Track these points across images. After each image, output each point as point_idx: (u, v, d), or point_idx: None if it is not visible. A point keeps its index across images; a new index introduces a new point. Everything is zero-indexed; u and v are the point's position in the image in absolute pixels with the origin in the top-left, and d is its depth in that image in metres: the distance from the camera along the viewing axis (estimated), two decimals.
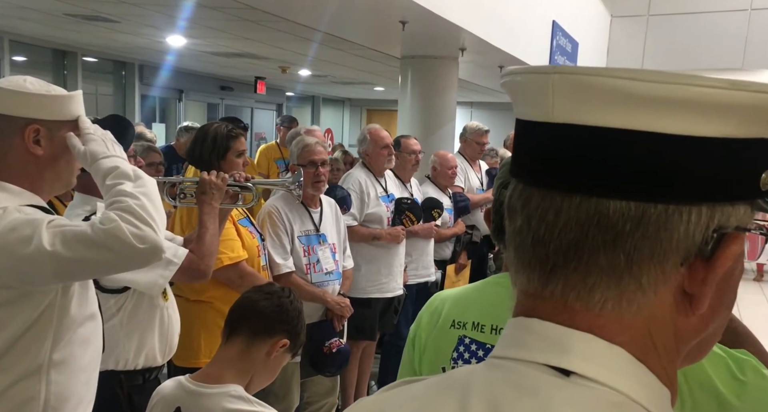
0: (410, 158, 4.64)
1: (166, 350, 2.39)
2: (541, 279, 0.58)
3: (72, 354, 1.67)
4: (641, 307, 0.55)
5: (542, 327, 0.57)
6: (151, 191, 1.64)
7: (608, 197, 0.54)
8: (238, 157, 2.96)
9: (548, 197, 0.56)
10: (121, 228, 1.51)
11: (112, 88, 10.83)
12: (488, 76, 9.46)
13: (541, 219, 0.57)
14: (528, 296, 0.60)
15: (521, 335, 0.58)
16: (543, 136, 0.57)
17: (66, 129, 1.70)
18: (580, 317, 0.56)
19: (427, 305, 1.46)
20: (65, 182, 1.76)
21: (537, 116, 0.57)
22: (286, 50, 8.59)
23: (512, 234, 0.60)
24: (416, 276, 4.68)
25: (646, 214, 0.53)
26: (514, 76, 0.60)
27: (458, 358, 1.34)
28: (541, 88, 0.56)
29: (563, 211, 0.55)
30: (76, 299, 1.67)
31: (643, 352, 0.56)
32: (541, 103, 0.56)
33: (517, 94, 0.60)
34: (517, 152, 0.61)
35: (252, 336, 1.83)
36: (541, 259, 0.57)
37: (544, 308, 0.58)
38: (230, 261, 2.90)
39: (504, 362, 0.58)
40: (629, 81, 0.52)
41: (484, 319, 1.34)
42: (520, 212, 0.59)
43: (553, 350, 0.56)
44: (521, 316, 0.60)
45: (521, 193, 0.59)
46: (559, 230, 0.56)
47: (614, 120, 0.53)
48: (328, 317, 3.57)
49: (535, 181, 0.58)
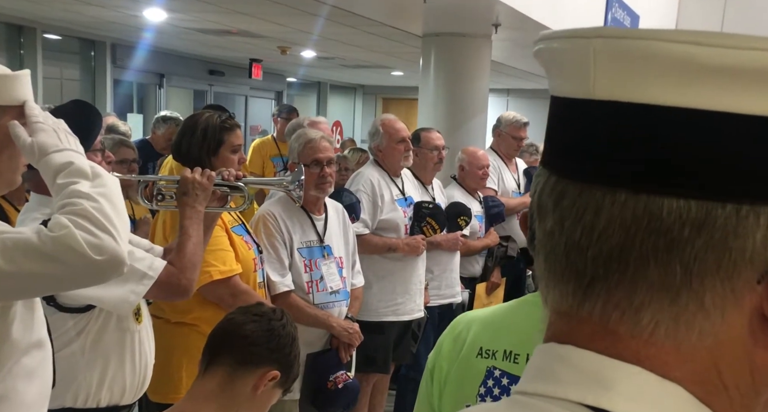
0: (432, 155, 4.66)
1: (138, 384, 2.39)
2: (576, 295, 0.56)
3: (14, 389, 1.66)
4: (704, 334, 0.54)
5: (578, 356, 0.56)
6: (112, 192, 1.64)
7: (661, 194, 0.52)
8: (233, 154, 2.97)
9: (586, 193, 0.55)
10: (74, 235, 1.51)
11: (79, 72, 10.91)
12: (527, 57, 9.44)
13: (577, 220, 0.55)
14: (561, 317, 0.58)
15: (552, 366, 0.57)
16: (581, 116, 0.56)
17: (9, 117, 1.69)
18: (624, 345, 0.55)
19: (450, 328, 1.46)
20: (7, 181, 1.75)
21: (575, 92, 0.56)
22: (286, 27, 8.63)
23: (542, 239, 0.59)
24: (439, 296, 4.68)
25: (710, 216, 0.51)
26: (550, 42, 0.58)
27: (486, 394, 1.33)
28: (581, 57, 0.54)
29: (604, 210, 0.54)
30: (18, 322, 1.65)
31: (707, 391, 0.54)
32: (580, 75, 0.55)
33: (553, 65, 0.59)
34: (550, 137, 0.60)
35: (235, 366, 1.83)
36: (576, 270, 0.56)
37: (580, 332, 0.57)
38: (221, 276, 2.90)
39: (530, 399, 0.57)
40: (693, 46, 0.50)
41: (519, 347, 1.33)
42: (551, 211, 0.57)
43: (591, 385, 0.54)
44: (553, 342, 0.59)
45: (553, 188, 0.58)
46: (598, 233, 0.54)
47: (672, 97, 0.51)
48: (334, 346, 3.57)
49: (571, 172, 0.56)
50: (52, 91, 10.09)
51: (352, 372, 3.64)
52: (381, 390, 4.52)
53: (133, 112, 11.97)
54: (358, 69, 13.79)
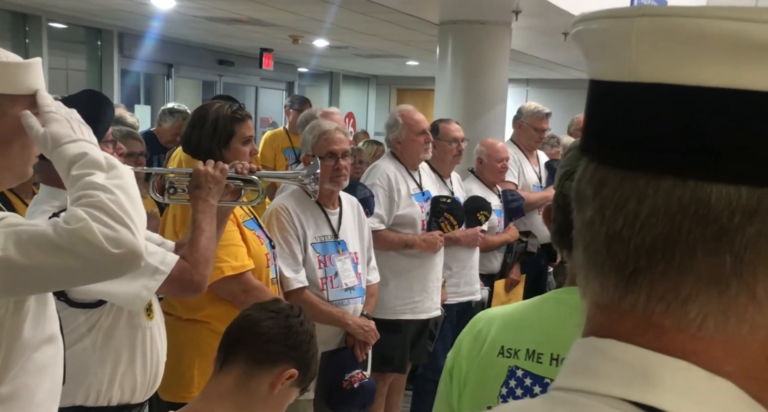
0: (451, 148, 4.64)
1: (149, 382, 2.40)
2: (618, 287, 0.56)
3: (25, 386, 1.66)
4: (756, 327, 0.53)
5: (620, 350, 0.55)
6: (128, 184, 1.64)
7: (710, 180, 0.52)
8: (245, 145, 2.97)
9: (629, 180, 0.54)
10: (90, 228, 1.50)
11: (85, 62, 10.91)
12: (549, 45, 9.40)
13: (619, 208, 0.55)
14: (601, 310, 0.58)
15: (593, 361, 0.56)
16: (624, 100, 0.55)
17: (20, 106, 1.68)
18: (670, 338, 0.54)
19: (469, 326, 1.46)
20: (19, 172, 1.74)
21: (616, 75, 0.55)
22: (298, 15, 8.62)
23: (581, 229, 0.59)
24: (457, 294, 4.68)
25: (763, 203, 0.51)
26: (589, 23, 0.58)
27: (508, 394, 1.33)
28: (623, 38, 0.54)
29: (648, 198, 0.53)
30: (31, 318, 1.66)
31: (760, 387, 0.53)
32: (621, 57, 0.54)
33: (592, 47, 0.59)
34: (590, 123, 0.60)
35: (252, 364, 1.83)
36: (618, 261, 0.55)
37: (622, 326, 0.56)
38: (233, 272, 2.91)
39: (570, 395, 0.56)
40: (748, 24, 0.50)
41: (542, 346, 1.33)
42: (591, 199, 0.57)
43: (635, 381, 0.53)
44: (593, 335, 0.58)
45: (593, 175, 0.57)
46: (641, 222, 0.54)
47: (723, 78, 0.51)
48: (349, 344, 3.58)
49: (612, 159, 0.56)
50: (58, 82, 10.11)
51: (367, 371, 3.64)
52: (397, 390, 4.52)
53: (140, 104, 11.99)
54: (372, 59, 13.75)
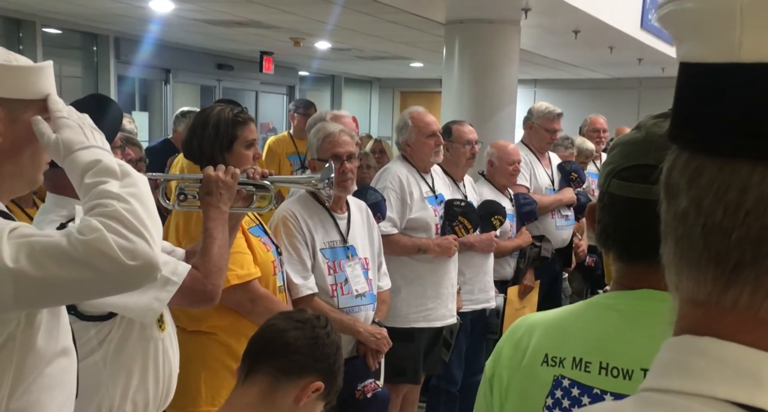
0: (464, 150, 4.65)
1: (162, 396, 2.39)
2: (717, 282, 0.55)
3: (37, 402, 1.65)
4: None
5: (722, 349, 0.54)
6: (143, 192, 1.63)
7: None
8: (248, 149, 2.95)
9: (729, 168, 0.53)
10: (106, 239, 1.49)
11: (80, 68, 10.97)
12: (558, 44, 9.41)
13: (718, 199, 0.53)
14: (698, 306, 0.57)
15: (690, 360, 0.55)
16: (724, 82, 0.54)
17: (31, 111, 1.68)
18: None
19: (509, 333, 1.43)
20: (29, 180, 1.74)
21: (715, 56, 0.54)
22: (299, 17, 8.63)
23: (671, 222, 0.58)
24: (471, 301, 4.66)
25: None
26: (682, 3, 0.57)
27: (554, 406, 1.30)
28: (724, 17, 0.53)
29: (753, 187, 0.52)
30: (43, 331, 1.65)
31: None
32: (722, 36, 0.53)
33: (686, 28, 0.57)
34: (681, 109, 0.58)
35: (278, 375, 1.83)
36: (717, 254, 0.54)
37: (723, 323, 0.55)
38: (239, 280, 2.88)
39: (665, 396, 0.55)
40: None
41: (590, 354, 1.29)
42: (686, 190, 0.56)
43: (741, 381, 0.52)
44: (688, 334, 0.57)
45: (686, 165, 0.56)
46: (745, 213, 0.52)
47: None
48: (360, 353, 3.57)
49: (708, 147, 0.55)
50: None
51: (380, 381, 3.62)
52: (411, 402, 4.49)
53: (137, 110, 12.02)
54: (375, 61, 13.80)
